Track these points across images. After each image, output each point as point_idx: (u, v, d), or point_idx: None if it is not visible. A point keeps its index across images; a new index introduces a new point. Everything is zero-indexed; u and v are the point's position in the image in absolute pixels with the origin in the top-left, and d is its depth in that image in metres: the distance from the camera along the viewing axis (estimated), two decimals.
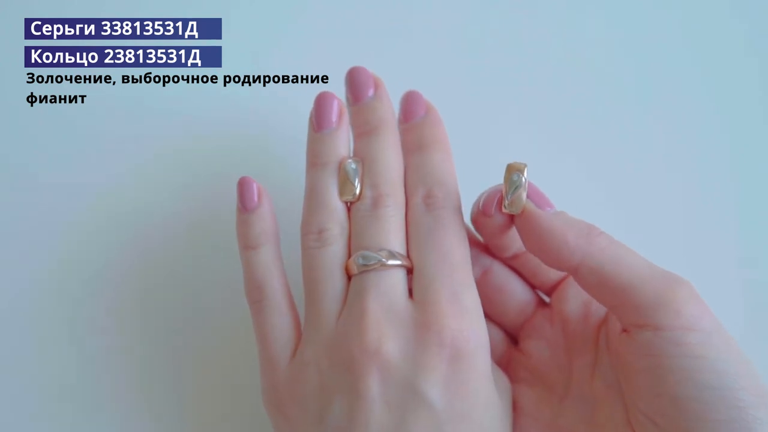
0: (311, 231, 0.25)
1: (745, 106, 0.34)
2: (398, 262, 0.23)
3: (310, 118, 0.26)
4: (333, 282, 0.24)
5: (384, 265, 0.23)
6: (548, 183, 0.25)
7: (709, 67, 0.34)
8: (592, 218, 0.24)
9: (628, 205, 0.33)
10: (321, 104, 0.26)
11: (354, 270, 0.24)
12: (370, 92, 0.27)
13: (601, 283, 0.22)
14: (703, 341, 0.21)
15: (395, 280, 0.23)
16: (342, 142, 0.26)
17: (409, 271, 0.24)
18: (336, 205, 0.25)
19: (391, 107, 0.27)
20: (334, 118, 0.26)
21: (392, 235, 0.24)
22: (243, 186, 0.26)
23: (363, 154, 0.26)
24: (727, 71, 0.34)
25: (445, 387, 0.22)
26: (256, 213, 0.26)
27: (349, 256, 0.24)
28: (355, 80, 0.27)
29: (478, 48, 0.34)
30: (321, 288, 0.24)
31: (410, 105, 0.27)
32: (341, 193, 0.25)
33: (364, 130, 0.26)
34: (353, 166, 0.25)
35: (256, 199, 0.26)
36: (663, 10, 0.35)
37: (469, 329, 0.22)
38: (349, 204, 0.25)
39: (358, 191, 0.25)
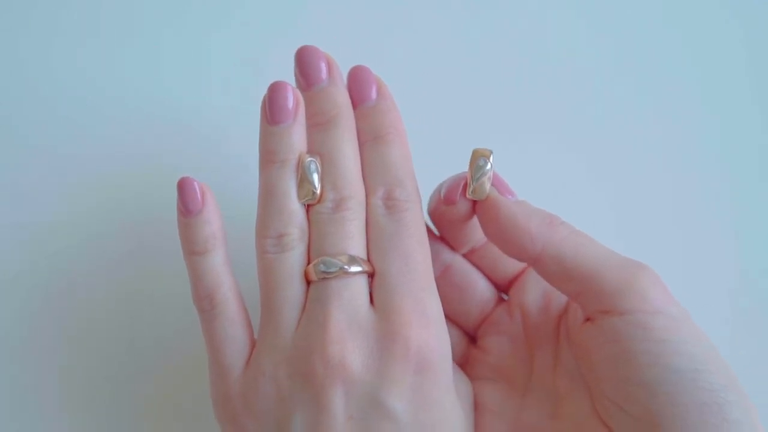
0: (269, 235, 0.23)
1: (742, 106, 0.34)
2: (360, 269, 0.22)
3: (263, 109, 0.24)
4: (292, 289, 0.23)
5: (346, 273, 0.22)
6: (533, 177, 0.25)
7: (705, 67, 0.34)
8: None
9: (624, 205, 0.33)
10: (276, 95, 0.24)
11: (314, 277, 0.22)
12: (324, 75, 0.25)
13: (563, 271, 0.22)
14: (669, 325, 0.20)
15: (357, 288, 0.22)
16: (300, 136, 0.24)
17: (370, 275, 0.23)
18: (295, 207, 0.23)
19: (346, 92, 0.25)
20: (290, 110, 0.24)
21: (354, 240, 0.23)
22: (184, 187, 0.24)
23: (320, 149, 0.24)
24: (724, 72, 0.34)
25: (410, 399, 0.21)
26: (201, 216, 0.24)
27: (308, 260, 0.23)
28: (305, 62, 0.25)
29: (477, 48, 0.34)
30: (279, 295, 0.23)
31: (361, 86, 0.25)
32: (300, 195, 0.23)
33: (319, 121, 0.24)
34: (313, 165, 0.23)
35: (200, 200, 0.24)
36: (661, 10, 0.35)
37: (434, 340, 0.22)
38: (307, 205, 0.24)
39: (318, 192, 0.23)
